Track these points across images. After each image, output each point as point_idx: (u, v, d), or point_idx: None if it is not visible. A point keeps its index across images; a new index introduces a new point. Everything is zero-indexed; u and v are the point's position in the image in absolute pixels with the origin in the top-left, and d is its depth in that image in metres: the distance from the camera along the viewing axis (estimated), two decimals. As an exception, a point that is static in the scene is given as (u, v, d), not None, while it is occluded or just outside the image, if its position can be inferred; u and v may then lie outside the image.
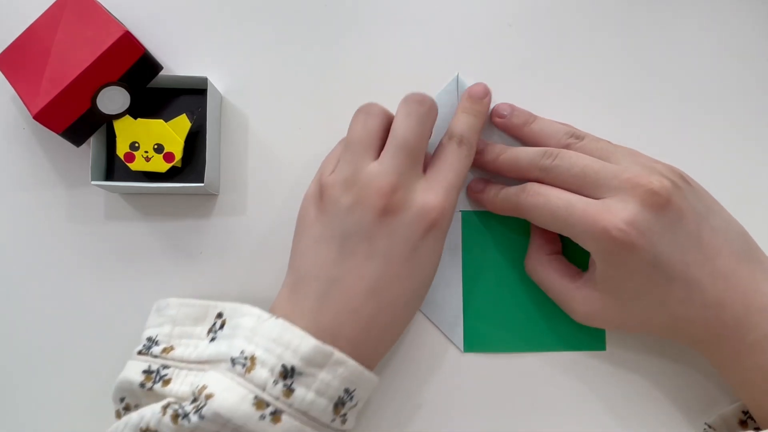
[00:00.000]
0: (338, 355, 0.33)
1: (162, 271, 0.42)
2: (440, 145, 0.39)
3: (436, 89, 0.42)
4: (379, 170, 0.35)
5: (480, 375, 0.41)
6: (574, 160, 0.36)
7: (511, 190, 0.39)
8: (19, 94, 0.38)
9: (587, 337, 0.41)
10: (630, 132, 0.43)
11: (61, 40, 0.38)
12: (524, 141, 0.41)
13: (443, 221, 0.35)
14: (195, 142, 0.41)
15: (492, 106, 0.42)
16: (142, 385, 0.35)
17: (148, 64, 0.40)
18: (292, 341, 0.32)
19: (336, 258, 0.35)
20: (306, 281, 0.35)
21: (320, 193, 0.36)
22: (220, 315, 0.36)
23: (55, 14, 0.39)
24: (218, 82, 0.43)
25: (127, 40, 0.38)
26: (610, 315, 0.37)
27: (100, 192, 0.42)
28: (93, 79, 0.38)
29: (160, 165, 0.39)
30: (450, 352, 0.41)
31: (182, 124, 0.39)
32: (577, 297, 0.38)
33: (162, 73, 0.40)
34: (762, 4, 0.44)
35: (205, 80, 0.40)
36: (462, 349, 0.41)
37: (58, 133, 0.39)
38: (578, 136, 0.39)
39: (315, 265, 0.35)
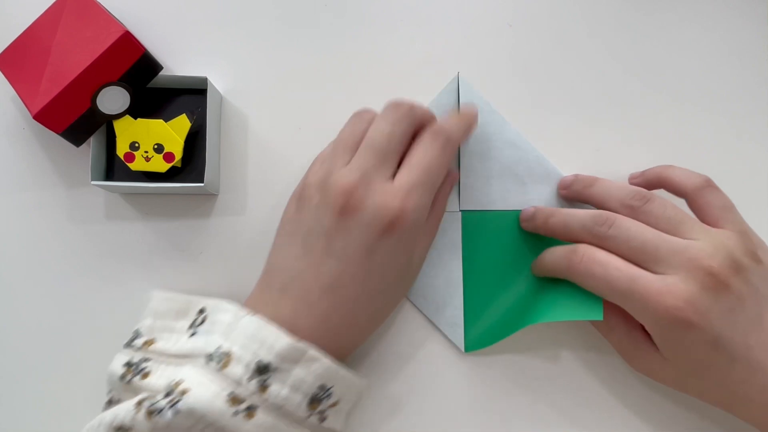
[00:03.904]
0: (313, 351, 0.33)
1: (162, 271, 0.42)
2: (414, 140, 0.37)
3: (436, 89, 0.42)
4: (346, 170, 0.35)
5: (480, 375, 0.41)
6: (632, 232, 0.35)
7: (560, 252, 0.37)
8: (19, 94, 0.38)
9: (585, 308, 0.38)
10: (630, 132, 0.43)
11: (61, 40, 0.38)
12: (588, 203, 0.40)
13: (402, 224, 0.35)
14: (195, 142, 0.41)
15: (486, 108, 0.42)
16: (122, 377, 0.35)
17: (148, 64, 0.40)
18: (267, 338, 0.33)
19: (299, 253, 0.36)
20: (273, 273, 0.37)
21: (300, 193, 0.37)
22: (202, 311, 0.37)
23: (55, 14, 0.39)
24: (218, 82, 0.43)
25: (127, 40, 0.38)
26: (669, 379, 0.37)
27: (100, 192, 0.42)
28: (93, 79, 0.38)
29: (160, 165, 0.39)
30: (450, 352, 0.41)
31: (182, 124, 0.39)
32: (638, 357, 0.38)
33: (162, 73, 0.40)
34: (762, 4, 0.44)
35: (205, 80, 0.40)
36: (463, 350, 0.41)
37: (58, 133, 0.39)
38: (643, 198, 0.37)
39: (283, 259, 0.36)
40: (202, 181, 0.39)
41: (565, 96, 0.43)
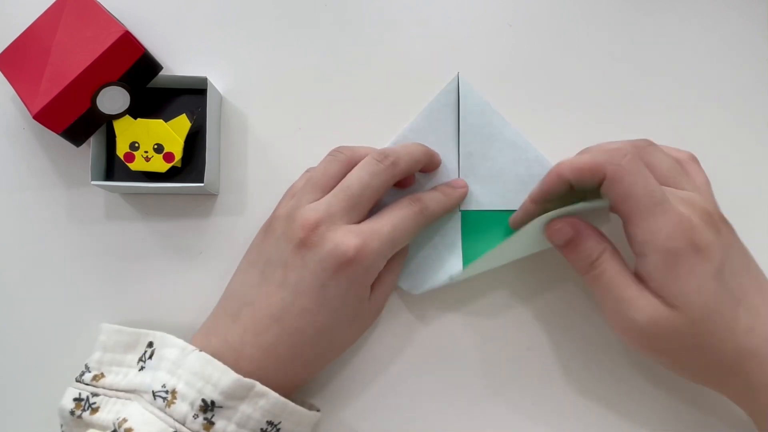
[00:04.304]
0: (260, 387, 0.33)
1: (162, 271, 0.42)
2: (395, 201, 0.38)
3: (436, 89, 0.42)
4: (313, 207, 0.36)
5: (477, 373, 0.41)
6: (643, 173, 0.34)
7: (600, 154, 0.35)
8: (19, 94, 0.38)
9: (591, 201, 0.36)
10: (630, 132, 0.43)
11: (61, 40, 0.38)
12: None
13: (359, 264, 0.35)
14: (195, 142, 0.41)
15: (486, 108, 0.42)
16: (72, 412, 0.36)
17: (148, 64, 0.40)
18: (212, 375, 0.33)
19: (256, 282, 0.36)
20: (228, 300, 0.37)
21: (268, 223, 0.38)
22: (150, 344, 0.37)
23: (55, 14, 0.39)
24: (218, 82, 0.43)
25: (127, 40, 0.38)
26: (674, 333, 0.33)
27: (100, 192, 0.42)
28: (93, 79, 0.38)
29: (160, 165, 0.39)
30: (444, 350, 0.41)
31: (182, 124, 0.39)
32: (639, 304, 0.34)
33: (162, 73, 0.40)
34: (762, 4, 0.44)
35: (205, 80, 0.40)
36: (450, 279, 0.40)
37: (58, 133, 0.39)
38: (648, 142, 0.37)
39: (239, 286, 0.37)
40: (202, 181, 0.39)
41: (565, 96, 0.43)
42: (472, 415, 0.41)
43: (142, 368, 0.36)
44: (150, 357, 0.36)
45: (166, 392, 0.33)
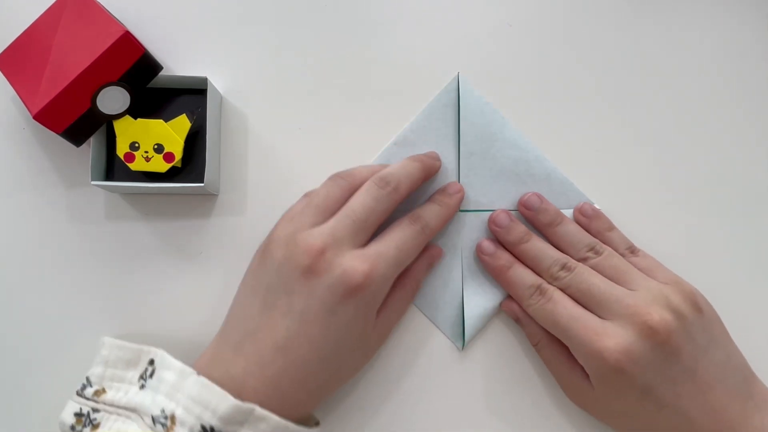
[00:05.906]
0: (260, 411, 0.33)
1: (162, 271, 0.42)
2: (395, 221, 0.38)
3: (436, 89, 0.42)
4: (317, 231, 0.35)
5: (480, 374, 0.41)
6: (585, 276, 0.38)
7: (527, 281, 0.39)
8: (19, 94, 0.38)
9: None
10: (630, 132, 0.43)
11: (61, 40, 0.38)
12: (546, 239, 0.41)
13: (367, 289, 0.35)
14: (195, 142, 0.41)
15: (487, 108, 0.42)
16: (72, 427, 0.35)
17: (148, 64, 0.39)
18: (211, 401, 0.32)
19: (257, 310, 0.35)
20: (229, 329, 0.36)
21: (266, 247, 0.37)
22: (151, 362, 0.36)
23: (55, 14, 0.39)
24: (218, 82, 0.43)
25: (127, 40, 0.38)
26: (602, 415, 0.39)
27: (100, 192, 0.42)
28: (93, 79, 0.38)
29: (160, 165, 0.39)
30: (450, 352, 0.41)
31: (182, 124, 0.39)
32: (571, 387, 0.39)
33: (162, 73, 0.40)
34: (762, 4, 0.44)
35: (205, 80, 0.40)
36: (461, 348, 0.41)
37: (58, 133, 0.39)
38: (597, 251, 0.39)
39: (240, 314, 0.36)
40: (202, 181, 0.39)
41: (565, 96, 0.43)
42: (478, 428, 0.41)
43: (142, 386, 0.35)
44: (151, 375, 0.35)
45: (165, 417, 0.33)
